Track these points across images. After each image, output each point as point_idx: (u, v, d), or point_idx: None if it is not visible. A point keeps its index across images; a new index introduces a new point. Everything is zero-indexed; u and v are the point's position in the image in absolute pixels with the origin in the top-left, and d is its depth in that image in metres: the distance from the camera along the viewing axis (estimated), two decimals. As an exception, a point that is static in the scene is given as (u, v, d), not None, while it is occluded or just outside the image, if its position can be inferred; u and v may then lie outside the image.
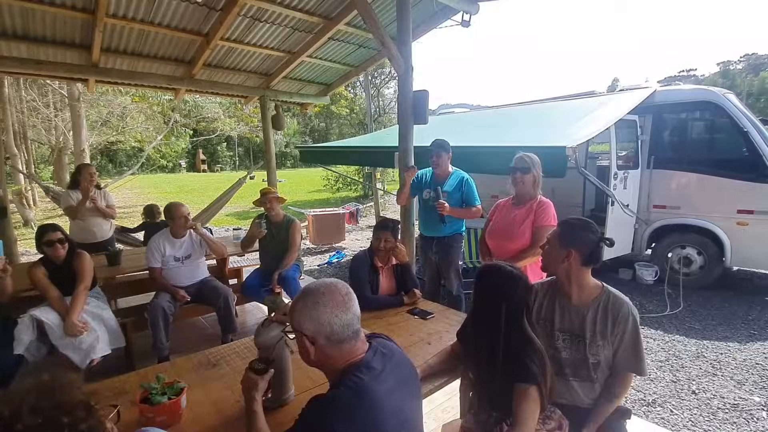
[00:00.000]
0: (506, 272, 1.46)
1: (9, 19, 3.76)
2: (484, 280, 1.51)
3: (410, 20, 3.64)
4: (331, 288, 1.08)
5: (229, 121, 18.37)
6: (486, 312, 1.46)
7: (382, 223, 2.59)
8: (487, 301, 1.47)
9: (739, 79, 51.04)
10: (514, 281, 1.45)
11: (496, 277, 1.47)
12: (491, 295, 1.46)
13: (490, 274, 1.50)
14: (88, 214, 3.96)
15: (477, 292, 1.52)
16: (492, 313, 1.43)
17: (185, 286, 3.17)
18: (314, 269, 6.56)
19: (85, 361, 2.47)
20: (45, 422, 0.68)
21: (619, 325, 1.54)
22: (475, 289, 1.52)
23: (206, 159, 42.22)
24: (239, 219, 11.93)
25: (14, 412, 0.67)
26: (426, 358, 1.75)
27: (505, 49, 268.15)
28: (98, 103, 13.33)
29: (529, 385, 1.34)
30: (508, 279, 1.45)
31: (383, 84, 19.46)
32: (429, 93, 3.69)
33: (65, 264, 2.65)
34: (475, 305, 1.53)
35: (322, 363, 1.09)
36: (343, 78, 6.47)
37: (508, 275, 1.46)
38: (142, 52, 4.71)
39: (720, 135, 4.96)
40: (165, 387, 1.44)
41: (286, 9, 4.26)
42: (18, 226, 9.46)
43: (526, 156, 2.55)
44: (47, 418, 0.68)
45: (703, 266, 4.89)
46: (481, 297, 1.50)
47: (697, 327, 3.96)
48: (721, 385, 2.98)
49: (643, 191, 5.20)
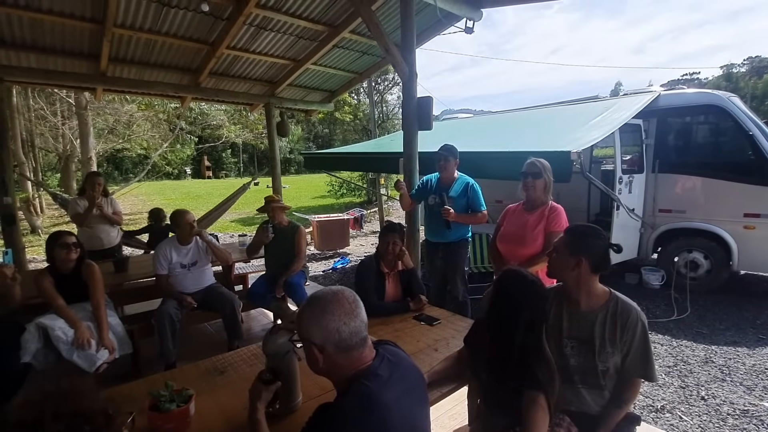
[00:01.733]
0: (530, 280, 1.44)
1: (18, 30, 3.83)
2: (505, 284, 1.47)
3: (414, 27, 3.67)
4: (338, 295, 1.08)
5: (234, 128, 18.49)
6: (504, 317, 1.44)
7: (390, 227, 2.57)
8: (507, 307, 1.43)
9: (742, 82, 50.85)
10: (537, 290, 1.43)
11: (520, 283, 1.44)
12: (513, 301, 1.43)
13: (513, 280, 1.47)
14: (95, 222, 4.00)
15: (497, 296, 1.47)
16: (511, 319, 1.41)
17: (191, 293, 3.18)
18: (319, 275, 6.56)
19: (92, 367, 2.48)
20: (67, 429, 0.69)
21: (627, 331, 1.53)
22: (493, 292, 1.50)
23: (211, 166, 42.44)
24: (244, 225, 11.97)
25: (37, 419, 0.68)
26: (433, 364, 1.75)
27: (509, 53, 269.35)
28: (105, 111, 13.47)
29: (538, 392, 1.34)
30: (531, 287, 1.43)
31: (387, 90, 19.56)
32: (433, 99, 3.72)
33: (73, 273, 2.66)
34: (493, 308, 1.48)
35: (329, 371, 1.09)
36: (347, 85, 6.53)
37: (531, 283, 1.44)
38: (149, 61, 4.78)
39: (725, 138, 4.94)
40: (173, 394, 1.44)
41: (291, 18, 4.31)
42: (25, 234, 9.54)
43: (538, 161, 2.55)
44: (69, 426, 0.69)
45: (710, 270, 4.85)
46: (501, 302, 1.46)
47: (705, 332, 3.92)
48: (730, 391, 2.95)
49: (648, 195, 5.18)
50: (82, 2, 3.60)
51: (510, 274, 1.50)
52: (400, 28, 3.70)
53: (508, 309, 1.43)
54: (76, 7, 3.64)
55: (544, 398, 1.34)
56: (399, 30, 3.76)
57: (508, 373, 1.39)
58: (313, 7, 4.27)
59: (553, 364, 1.41)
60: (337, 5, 4.29)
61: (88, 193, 3.93)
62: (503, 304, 1.45)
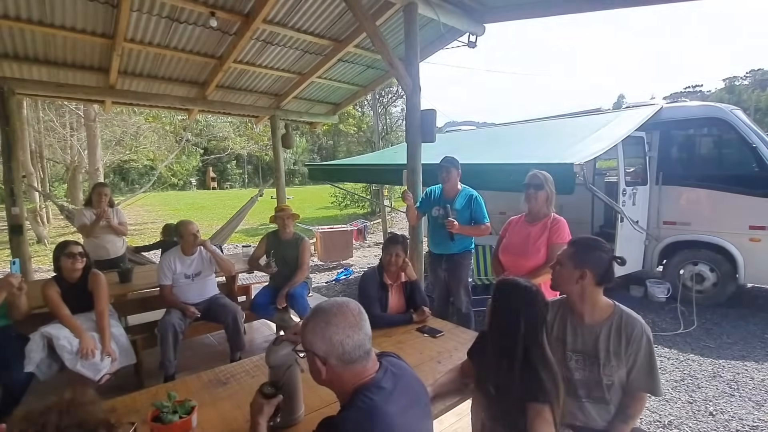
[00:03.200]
0: (523, 286, 1.45)
1: (32, 44, 3.92)
2: (501, 294, 1.49)
3: (418, 42, 3.73)
4: (342, 308, 1.08)
5: (239, 140, 18.69)
6: (504, 326, 1.44)
7: (393, 239, 2.59)
8: (505, 315, 1.44)
9: (745, 94, 50.86)
10: (532, 295, 1.43)
11: (514, 291, 1.45)
12: (509, 309, 1.44)
13: (507, 288, 1.48)
14: (101, 232, 4.04)
15: (494, 306, 1.49)
16: (510, 327, 1.41)
17: (195, 303, 3.19)
18: (322, 286, 6.55)
19: (96, 376, 2.48)
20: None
21: (632, 345, 1.52)
22: (492, 303, 1.50)
23: (216, 177, 42.81)
24: (248, 236, 12.01)
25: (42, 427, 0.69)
26: (436, 376, 1.74)
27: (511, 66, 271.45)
28: (113, 123, 13.68)
29: (543, 405, 1.33)
30: (526, 293, 1.44)
31: (390, 102, 19.74)
32: (436, 112, 3.75)
33: (79, 283, 2.68)
34: (492, 319, 1.50)
35: (332, 383, 1.08)
36: (351, 97, 6.60)
37: (525, 289, 1.45)
38: (157, 74, 4.87)
39: (729, 151, 4.94)
40: (176, 405, 1.45)
41: (297, 32, 4.39)
42: (32, 243, 9.62)
43: (539, 173, 2.57)
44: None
45: (716, 283, 4.80)
46: (499, 311, 1.47)
47: (711, 345, 3.87)
48: (739, 407, 2.90)
49: (652, 207, 5.16)
50: (95, 18, 3.69)
51: (502, 284, 1.52)
52: (404, 42, 3.76)
53: (505, 318, 1.44)
54: (88, 22, 3.74)
55: (549, 411, 1.32)
56: (403, 44, 3.83)
57: (514, 383, 1.38)
58: (319, 23, 4.36)
59: (558, 373, 1.40)
60: (343, 21, 4.37)
61: (94, 204, 3.98)
62: (500, 314, 1.46)
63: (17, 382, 2.37)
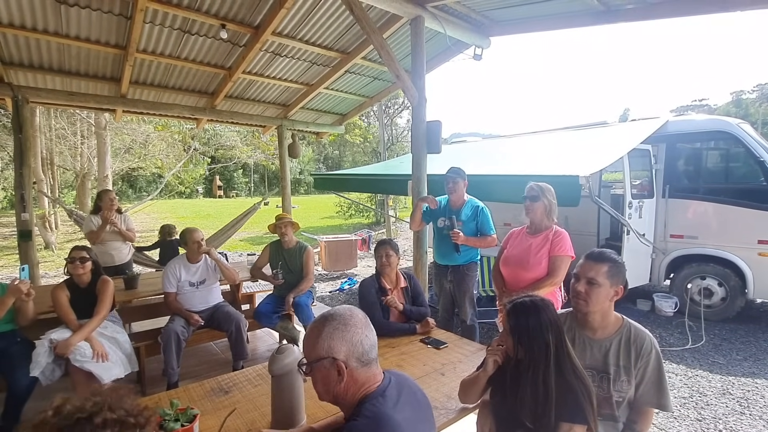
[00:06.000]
0: (539, 305, 1.39)
1: (46, 54, 4.02)
2: (520, 318, 1.40)
3: (424, 54, 3.78)
4: (352, 311, 1.12)
5: (246, 149, 18.87)
6: (533, 351, 1.35)
7: (380, 242, 2.68)
8: (531, 340, 1.36)
9: (752, 108, 50.60)
10: (550, 311, 1.38)
11: (533, 312, 1.38)
12: (533, 332, 1.36)
13: (524, 310, 1.40)
14: (108, 238, 4.07)
15: (517, 333, 1.39)
16: (540, 350, 1.34)
17: (199, 311, 3.20)
18: (326, 296, 6.54)
19: (104, 379, 2.48)
20: (119, 419, 0.76)
21: (641, 359, 1.51)
22: (513, 331, 1.40)
23: (223, 185, 43.09)
24: (253, 245, 12.04)
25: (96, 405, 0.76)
26: (440, 388, 1.73)
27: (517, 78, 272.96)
28: (123, 132, 13.88)
29: (578, 426, 1.27)
30: (545, 311, 1.37)
31: (396, 113, 19.90)
32: (442, 123, 3.78)
33: (89, 288, 2.72)
34: (518, 347, 1.38)
35: (346, 391, 1.05)
36: (358, 108, 6.67)
37: (542, 307, 1.38)
38: (168, 84, 4.97)
39: (736, 164, 4.91)
40: (178, 413, 1.44)
41: (306, 44, 4.47)
42: (39, 249, 9.71)
43: (537, 184, 2.58)
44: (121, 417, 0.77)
45: (724, 298, 4.73)
46: (524, 337, 1.37)
47: (721, 362, 3.80)
48: (749, 425, 2.83)
49: (659, 220, 5.13)
50: (108, 29, 3.79)
51: (519, 308, 1.42)
52: (411, 54, 3.81)
53: (532, 342, 1.36)
54: (102, 33, 3.83)
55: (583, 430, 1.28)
56: (409, 56, 3.87)
57: (553, 407, 1.29)
58: (328, 35, 4.43)
59: (591, 386, 1.34)
60: (351, 33, 4.44)
61: (102, 212, 4.02)
62: (526, 339, 1.37)
63: (23, 385, 2.40)
